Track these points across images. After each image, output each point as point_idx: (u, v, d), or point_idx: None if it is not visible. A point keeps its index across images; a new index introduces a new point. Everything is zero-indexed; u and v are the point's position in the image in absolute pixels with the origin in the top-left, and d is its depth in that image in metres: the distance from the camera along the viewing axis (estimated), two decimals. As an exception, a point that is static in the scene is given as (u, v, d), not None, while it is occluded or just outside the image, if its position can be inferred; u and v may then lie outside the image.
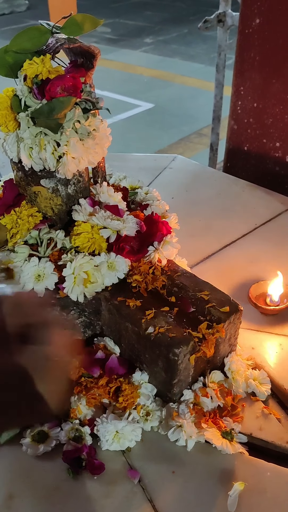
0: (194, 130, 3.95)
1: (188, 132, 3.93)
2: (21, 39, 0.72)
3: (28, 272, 0.77)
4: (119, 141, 3.70)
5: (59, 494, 0.67)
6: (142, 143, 3.76)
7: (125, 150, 3.56)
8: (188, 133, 3.92)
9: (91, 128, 0.77)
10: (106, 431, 0.72)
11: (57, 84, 0.71)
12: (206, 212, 1.26)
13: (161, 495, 0.67)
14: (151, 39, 6.50)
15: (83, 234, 0.79)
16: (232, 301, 0.79)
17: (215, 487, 0.68)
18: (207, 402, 0.76)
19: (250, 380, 0.81)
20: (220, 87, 2.38)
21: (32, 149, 0.74)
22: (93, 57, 0.77)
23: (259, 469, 0.70)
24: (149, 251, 0.82)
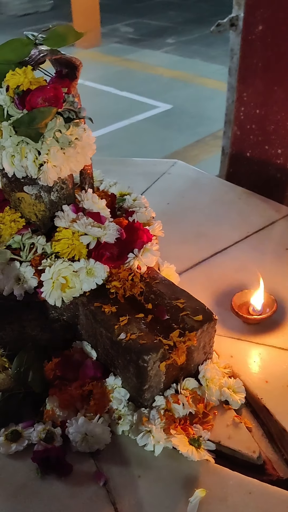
0: (210, 132, 3.93)
1: (204, 134, 3.92)
2: (4, 50, 0.74)
3: (9, 275, 0.80)
4: (135, 142, 3.73)
5: (26, 492, 0.69)
6: (158, 145, 3.77)
7: (140, 151, 3.58)
8: (204, 135, 3.91)
9: (73, 137, 0.79)
10: (76, 433, 0.74)
11: (38, 95, 0.73)
12: (200, 219, 1.27)
13: (124, 498, 0.69)
14: (173, 39, 6.50)
15: (63, 240, 0.81)
16: (207, 309, 0.80)
17: (178, 493, 0.69)
18: (178, 408, 0.77)
19: (224, 388, 0.82)
20: (232, 91, 2.37)
21: (14, 157, 0.77)
22: (76, 68, 0.79)
23: (223, 477, 0.71)
24: (129, 258, 0.84)
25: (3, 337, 0.84)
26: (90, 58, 5.39)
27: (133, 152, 3.51)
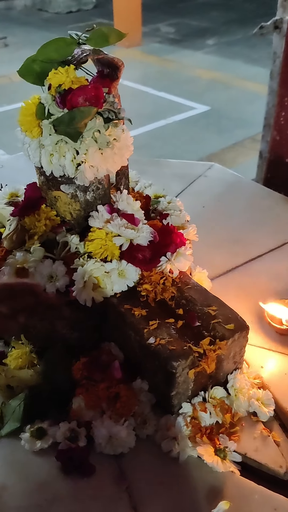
0: (248, 135, 3.88)
1: (242, 137, 3.87)
2: (48, 49, 0.75)
3: (42, 272, 0.80)
4: (172, 143, 3.72)
5: (48, 490, 0.69)
6: (195, 146, 3.75)
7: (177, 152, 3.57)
8: (242, 138, 3.86)
9: (111, 137, 0.79)
10: (101, 435, 0.73)
11: (79, 94, 0.73)
12: (236, 224, 1.25)
13: (146, 504, 0.68)
14: (214, 40, 6.44)
15: (97, 241, 0.81)
16: (239, 318, 0.78)
17: (201, 503, 0.68)
18: (205, 417, 0.76)
19: (252, 399, 0.80)
20: (273, 94, 2.34)
21: (53, 156, 0.77)
22: (117, 69, 0.79)
23: (248, 490, 0.69)
24: (161, 262, 0.83)
25: (33, 333, 0.85)
26: (130, 57, 5.40)
27: (169, 153, 3.49)
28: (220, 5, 8.27)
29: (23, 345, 0.85)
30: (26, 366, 0.83)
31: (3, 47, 5.95)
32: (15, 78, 3.78)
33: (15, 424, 0.77)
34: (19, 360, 0.84)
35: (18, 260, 0.81)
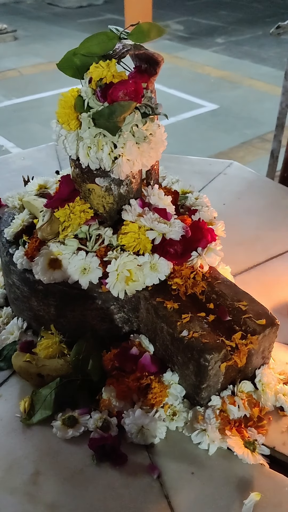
0: (257, 134, 3.89)
1: (251, 136, 3.88)
2: (90, 43, 0.75)
3: (75, 264, 0.81)
4: (181, 140, 3.72)
5: (81, 477, 0.71)
6: (204, 144, 3.75)
7: (186, 149, 3.57)
8: (251, 137, 3.87)
9: (148, 132, 0.80)
10: (132, 425, 0.75)
11: (120, 88, 0.74)
12: (256, 222, 1.26)
13: (177, 494, 0.69)
14: (223, 39, 6.44)
15: (130, 234, 0.82)
16: (270, 314, 0.79)
17: (232, 494, 0.69)
18: (233, 410, 0.77)
19: (280, 394, 0.81)
20: (286, 94, 2.34)
21: (90, 149, 0.78)
22: (157, 64, 0.80)
23: (278, 482, 0.70)
24: (192, 256, 0.84)
25: (64, 324, 0.86)
26: (140, 54, 5.39)
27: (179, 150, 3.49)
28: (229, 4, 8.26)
29: (52, 335, 0.87)
30: (56, 356, 0.84)
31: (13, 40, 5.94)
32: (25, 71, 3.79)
33: (46, 412, 0.78)
34: (49, 349, 0.85)
35: (52, 251, 0.82)
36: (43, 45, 5.86)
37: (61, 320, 0.86)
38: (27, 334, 0.92)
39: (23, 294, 0.88)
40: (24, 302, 0.89)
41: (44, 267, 0.82)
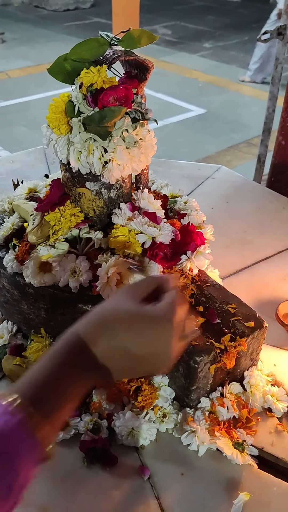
0: (244, 139, 3.94)
1: (238, 140, 3.92)
2: (81, 48, 0.76)
3: (65, 267, 0.82)
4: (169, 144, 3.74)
5: (72, 480, 0.71)
6: (191, 148, 3.78)
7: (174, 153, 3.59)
8: (238, 141, 3.91)
9: (138, 137, 0.81)
10: (123, 427, 0.75)
11: (110, 94, 0.75)
12: (244, 226, 1.27)
13: (168, 494, 0.70)
14: (210, 44, 6.50)
15: (120, 237, 0.82)
16: (258, 316, 0.81)
17: (221, 494, 0.70)
18: (223, 411, 0.78)
19: (268, 395, 0.82)
20: (273, 100, 2.37)
21: (81, 153, 0.78)
22: (147, 70, 0.81)
23: (266, 482, 0.71)
24: (182, 260, 0.85)
25: (54, 327, 0.86)
26: (128, 58, 5.42)
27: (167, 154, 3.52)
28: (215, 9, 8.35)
29: (42, 339, 0.87)
30: (47, 359, 0.84)
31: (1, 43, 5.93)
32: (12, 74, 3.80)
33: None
34: (40, 353, 0.85)
35: (42, 255, 0.83)
36: (30, 47, 5.86)
37: (51, 324, 0.87)
38: (17, 338, 0.92)
39: (13, 298, 0.88)
40: (14, 306, 0.89)
41: (34, 270, 0.82)
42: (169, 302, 0.55)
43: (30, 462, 0.46)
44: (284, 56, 2.27)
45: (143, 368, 0.54)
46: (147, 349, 0.53)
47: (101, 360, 0.52)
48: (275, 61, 2.29)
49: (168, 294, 0.56)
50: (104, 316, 0.54)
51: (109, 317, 0.54)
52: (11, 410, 0.45)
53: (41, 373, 0.50)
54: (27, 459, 0.45)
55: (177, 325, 0.54)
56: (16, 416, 0.45)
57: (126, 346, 0.52)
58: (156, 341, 0.53)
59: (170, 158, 1.69)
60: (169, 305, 0.54)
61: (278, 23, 2.19)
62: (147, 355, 0.53)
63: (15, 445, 0.44)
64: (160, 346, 0.53)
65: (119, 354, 0.52)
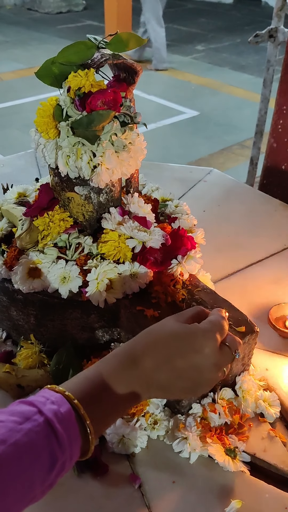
0: (237, 141, 3.94)
1: (230, 142, 3.93)
2: (68, 52, 0.76)
3: (55, 273, 0.81)
4: (162, 146, 3.74)
5: (62, 489, 0.70)
6: (184, 150, 3.78)
7: (167, 156, 3.59)
8: (231, 143, 3.92)
9: (127, 141, 0.80)
10: (113, 435, 0.74)
11: (98, 97, 0.74)
12: (236, 229, 1.27)
13: (159, 503, 0.69)
14: (203, 46, 6.52)
15: (110, 242, 0.82)
16: (249, 321, 0.80)
17: (213, 502, 0.69)
18: (214, 417, 0.77)
19: (260, 401, 0.82)
20: (265, 102, 2.38)
21: (69, 157, 0.78)
22: (135, 74, 0.80)
23: (258, 489, 0.71)
24: (172, 264, 0.84)
25: (44, 333, 0.86)
26: (120, 60, 5.42)
27: (159, 156, 3.52)
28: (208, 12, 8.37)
29: (32, 345, 0.86)
30: (36, 366, 0.84)
31: (-8, 46, 5.91)
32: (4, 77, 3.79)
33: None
34: (29, 359, 0.84)
35: (31, 260, 0.82)
36: (23, 50, 5.85)
37: (41, 330, 0.86)
38: (6, 344, 0.91)
39: (2, 304, 0.87)
40: (3, 312, 0.88)
41: (23, 276, 0.81)
42: (212, 320, 0.60)
43: (75, 448, 0.49)
44: (276, 59, 2.28)
45: (185, 385, 0.58)
46: (188, 363, 0.56)
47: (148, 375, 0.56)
48: (267, 64, 2.29)
49: (212, 315, 0.62)
50: (153, 334, 0.59)
51: (157, 335, 0.59)
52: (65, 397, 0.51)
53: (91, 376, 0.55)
54: (73, 444, 0.49)
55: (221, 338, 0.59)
56: (67, 404, 0.50)
57: (171, 360, 0.56)
58: (197, 355, 0.56)
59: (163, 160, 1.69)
60: (212, 322, 0.59)
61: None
62: (189, 369, 0.56)
63: (66, 427, 0.48)
64: (202, 360, 0.56)
65: (165, 370, 0.56)
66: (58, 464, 0.48)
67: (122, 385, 0.55)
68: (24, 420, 0.47)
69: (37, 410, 0.48)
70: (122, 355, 0.58)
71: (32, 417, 0.47)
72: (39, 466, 0.46)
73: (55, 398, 0.50)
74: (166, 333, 0.58)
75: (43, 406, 0.49)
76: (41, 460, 0.46)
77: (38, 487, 0.47)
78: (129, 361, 0.57)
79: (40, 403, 0.49)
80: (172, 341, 0.57)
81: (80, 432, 0.50)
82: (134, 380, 0.56)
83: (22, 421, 0.47)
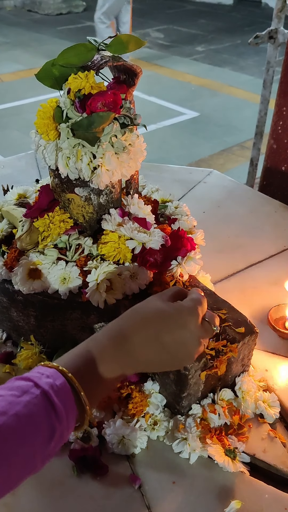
0: (237, 142, 3.94)
1: (231, 143, 3.93)
2: (68, 54, 0.76)
3: (55, 274, 0.81)
4: (162, 147, 3.74)
5: (61, 489, 0.70)
6: (184, 151, 3.79)
7: (167, 157, 3.60)
8: (231, 144, 3.92)
9: (127, 143, 0.80)
10: (113, 435, 0.74)
11: (98, 99, 0.75)
12: (236, 230, 1.27)
13: (159, 504, 0.69)
14: (203, 47, 6.52)
15: (110, 243, 0.82)
16: (249, 322, 0.80)
17: (213, 502, 0.69)
18: (214, 418, 0.78)
19: (259, 401, 0.82)
20: (265, 103, 2.38)
21: (69, 159, 0.78)
22: (135, 75, 0.80)
23: (258, 490, 0.71)
24: (172, 265, 0.84)
25: (44, 334, 0.86)
26: (121, 62, 5.42)
27: (159, 157, 3.53)
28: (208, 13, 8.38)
29: (32, 346, 0.86)
30: (36, 367, 0.84)
31: (-7, 47, 5.91)
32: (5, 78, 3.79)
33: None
34: (29, 360, 0.84)
35: (32, 261, 0.82)
36: (23, 51, 5.86)
37: (41, 331, 0.86)
38: (7, 345, 0.91)
39: (2, 305, 0.87)
40: (3, 313, 0.89)
41: (23, 277, 0.81)
42: (194, 298, 0.63)
43: (71, 418, 0.51)
44: (276, 60, 2.28)
45: (171, 358, 0.61)
46: (175, 338, 0.59)
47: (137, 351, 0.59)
48: (267, 65, 2.30)
49: (191, 293, 0.65)
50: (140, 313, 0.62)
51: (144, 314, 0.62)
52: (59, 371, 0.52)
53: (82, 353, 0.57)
54: (70, 415, 0.51)
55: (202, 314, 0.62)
56: (62, 377, 0.52)
57: (159, 336, 0.59)
58: (183, 330, 0.60)
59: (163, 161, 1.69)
60: (194, 300, 0.63)
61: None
62: (175, 344, 0.60)
63: (62, 399, 0.50)
64: (187, 335, 0.60)
65: (153, 346, 0.59)
66: (57, 435, 0.49)
67: (112, 361, 0.58)
68: (22, 394, 0.48)
69: (33, 383, 0.50)
70: (111, 333, 0.60)
71: (30, 390, 0.49)
72: (40, 436, 0.48)
73: (49, 373, 0.52)
74: (153, 311, 0.61)
75: (39, 380, 0.50)
76: (41, 430, 0.48)
77: (38, 456, 0.48)
78: (119, 338, 0.59)
79: (36, 378, 0.51)
80: (159, 319, 0.60)
81: (76, 403, 0.52)
82: (124, 355, 0.59)
83: (20, 395, 0.48)
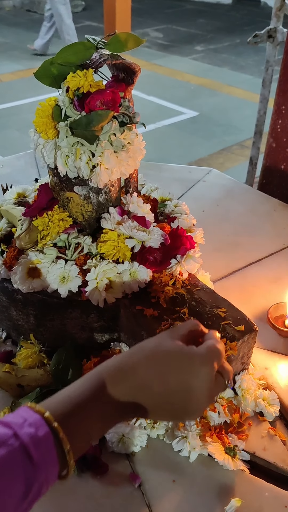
0: (236, 141, 3.94)
1: (230, 143, 3.93)
2: (67, 52, 0.76)
3: (54, 273, 0.81)
4: (161, 147, 3.74)
5: (62, 488, 0.70)
6: (183, 151, 3.78)
7: (166, 156, 3.59)
8: (230, 144, 3.91)
9: (126, 141, 0.80)
10: (113, 434, 0.74)
11: (97, 98, 0.75)
12: (235, 228, 1.27)
13: (159, 502, 0.69)
14: (202, 47, 6.51)
15: (109, 242, 0.82)
16: (248, 320, 0.80)
17: (213, 500, 0.69)
18: (214, 416, 0.78)
19: (259, 399, 0.82)
20: (264, 102, 2.38)
21: (68, 158, 0.78)
22: (134, 74, 0.80)
23: (258, 488, 0.71)
24: (172, 264, 0.84)
25: (43, 333, 0.86)
26: (120, 61, 5.42)
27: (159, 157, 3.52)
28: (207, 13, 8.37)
29: (31, 345, 0.86)
30: (36, 366, 0.84)
31: (-8, 47, 5.91)
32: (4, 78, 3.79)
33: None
34: (29, 359, 0.84)
35: (31, 260, 0.82)
36: (22, 51, 5.86)
37: (40, 330, 0.86)
38: (6, 344, 0.91)
39: (2, 304, 0.87)
40: (3, 312, 0.89)
41: (23, 276, 0.81)
42: (210, 346, 0.56)
43: (51, 473, 0.48)
44: (275, 59, 2.28)
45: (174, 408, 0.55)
46: (182, 385, 0.53)
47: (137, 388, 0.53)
48: (266, 64, 2.29)
49: (208, 338, 0.58)
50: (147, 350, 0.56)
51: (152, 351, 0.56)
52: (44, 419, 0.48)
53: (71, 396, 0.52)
54: (50, 469, 0.47)
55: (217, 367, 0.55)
56: (46, 427, 0.47)
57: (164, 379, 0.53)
58: (193, 380, 0.54)
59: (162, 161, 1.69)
60: (209, 348, 0.56)
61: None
62: (182, 392, 0.54)
63: (43, 452, 0.46)
64: (196, 385, 0.54)
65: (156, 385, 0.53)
66: (33, 490, 0.46)
67: (108, 402, 0.53)
68: None
69: (13, 433, 0.46)
70: (110, 370, 0.55)
71: (8, 441, 0.45)
72: (12, 493, 0.44)
73: (33, 420, 0.48)
74: (162, 351, 0.55)
75: (20, 429, 0.46)
76: (15, 487, 0.44)
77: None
78: (119, 376, 0.54)
79: (17, 426, 0.47)
80: (168, 359, 0.55)
81: (58, 456, 0.48)
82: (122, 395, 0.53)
83: None
